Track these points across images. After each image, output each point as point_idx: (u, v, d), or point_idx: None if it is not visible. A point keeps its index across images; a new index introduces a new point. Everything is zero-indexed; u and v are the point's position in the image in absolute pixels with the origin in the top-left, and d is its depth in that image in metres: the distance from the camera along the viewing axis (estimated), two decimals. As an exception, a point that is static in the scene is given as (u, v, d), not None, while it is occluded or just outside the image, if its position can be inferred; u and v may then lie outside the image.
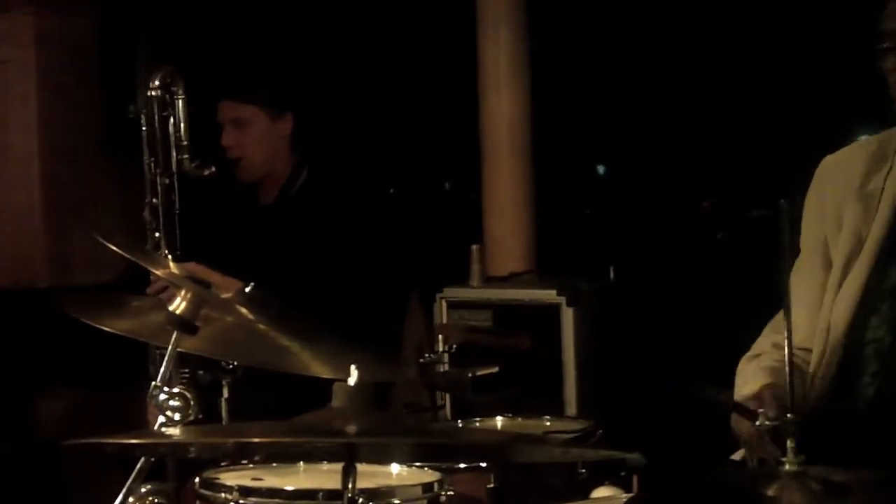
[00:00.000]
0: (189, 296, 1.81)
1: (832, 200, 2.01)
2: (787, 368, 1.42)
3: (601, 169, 5.00)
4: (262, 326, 1.94)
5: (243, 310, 1.93)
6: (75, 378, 3.66)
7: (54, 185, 3.91)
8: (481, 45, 3.98)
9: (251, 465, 1.79)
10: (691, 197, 4.62)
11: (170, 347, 1.80)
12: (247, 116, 2.95)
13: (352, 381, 1.54)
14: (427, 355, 2.69)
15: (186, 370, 2.47)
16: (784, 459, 1.37)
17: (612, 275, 3.72)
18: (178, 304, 1.81)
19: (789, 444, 1.37)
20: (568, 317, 3.44)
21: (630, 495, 1.84)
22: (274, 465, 1.80)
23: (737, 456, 1.96)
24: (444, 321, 3.48)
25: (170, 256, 2.74)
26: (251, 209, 3.05)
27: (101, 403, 3.58)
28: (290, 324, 2.00)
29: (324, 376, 1.86)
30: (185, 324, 1.80)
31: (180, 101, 2.81)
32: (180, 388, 1.79)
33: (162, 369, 1.81)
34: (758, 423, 1.67)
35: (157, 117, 2.80)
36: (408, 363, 3.04)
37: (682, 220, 4.55)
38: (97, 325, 1.91)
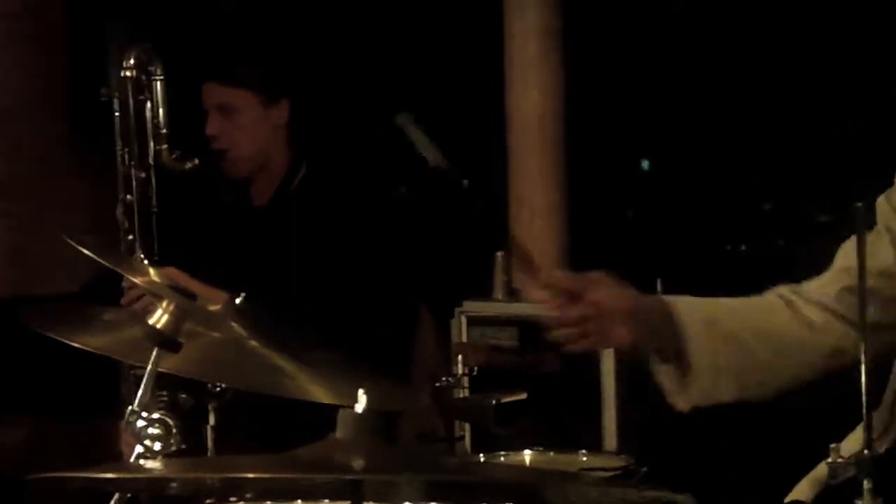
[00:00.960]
0: (171, 308, 1.82)
1: None
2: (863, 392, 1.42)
3: (644, 164, 5.00)
4: (253, 344, 1.95)
5: (232, 324, 1.94)
6: (37, 402, 3.68)
7: (12, 178, 3.93)
8: (507, 25, 3.99)
9: (241, 505, 1.80)
10: (749, 197, 4.63)
11: (149, 367, 1.80)
12: (235, 102, 2.96)
13: (359, 408, 1.55)
14: (443, 379, 2.70)
15: (166, 393, 2.48)
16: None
17: (658, 287, 3.71)
18: (159, 318, 1.82)
19: (866, 485, 1.37)
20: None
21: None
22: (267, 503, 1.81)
23: (799, 495, 1.96)
24: (464, 339, 3.49)
25: (146, 261, 2.75)
26: (241, 210, 3.06)
27: (66, 431, 3.59)
28: (286, 341, 2.01)
29: (324, 402, 1.87)
30: (167, 340, 1.81)
31: (158, 83, 2.83)
32: (161, 414, 1.80)
33: (140, 392, 1.81)
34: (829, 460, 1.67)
35: (131, 101, 2.81)
36: (420, 388, 3.05)
37: (738, 223, 4.56)
38: (63, 341, 1.92)
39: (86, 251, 1.89)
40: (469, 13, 4.49)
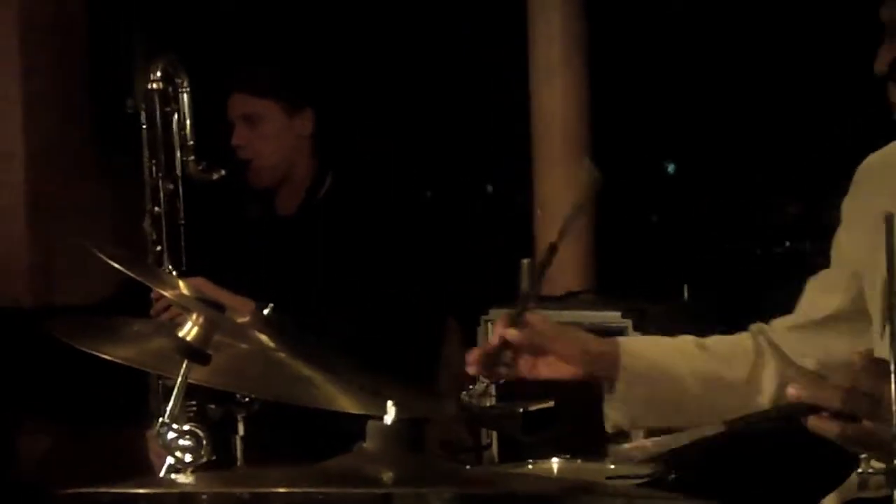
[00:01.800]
0: (200, 320, 1.84)
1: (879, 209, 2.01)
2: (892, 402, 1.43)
3: (670, 167, 4.99)
4: (281, 355, 1.97)
5: (260, 336, 1.96)
6: (62, 411, 3.70)
7: (39, 188, 3.95)
8: (530, 28, 4.00)
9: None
10: (777, 200, 4.61)
11: (179, 379, 1.82)
12: (260, 112, 2.98)
13: (388, 419, 1.56)
14: (469, 387, 2.71)
15: (194, 404, 2.50)
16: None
17: (685, 293, 3.72)
18: (189, 330, 1.84)
19: (896, 495, 1.37)
20: (634, 343, 3.43)
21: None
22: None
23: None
24: (490, 348, 3.49)
25: (174, 273, 2.77)
26: (268, 220, 3.08)
27: (92, 441, 3.61)
28: (313, 352, 2.02)
29: (352, 412, 1.88)
30: (197, 352, 1.83)
31: (185, 95, 2.85)
32: (191, 426, 1.82)
33: (171, 403, 1.82)
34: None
35: (158, 113, 2.84)
36: (446, 396, 3.06)
37: (767, 227, 4.54)
38: (94, 353, 1.94)
39: (111, 262, 1.90)
40: (492, 17, 4.50)
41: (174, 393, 1.83)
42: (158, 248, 2.82)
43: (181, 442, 1.81)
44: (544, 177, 4.06)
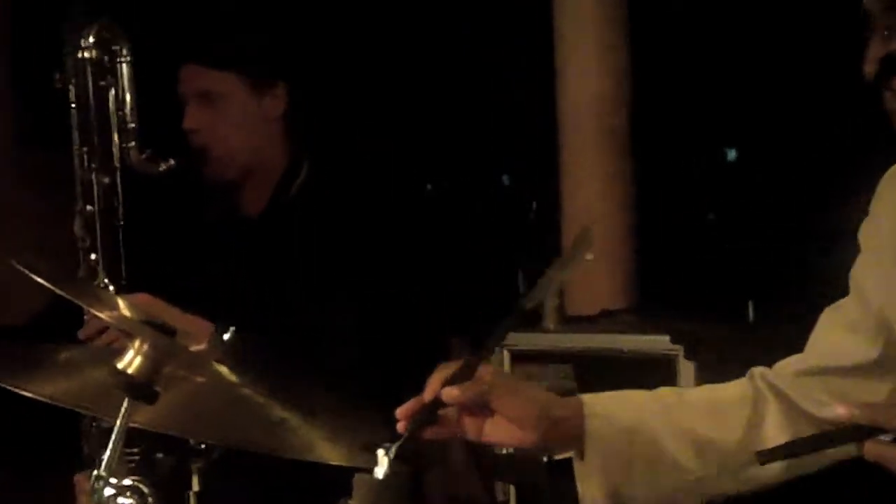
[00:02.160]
0: (145, 347, 1.84)
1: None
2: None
3: (731, 154, 5.00)
4: (245, 391, 1.97)
5: (219, 367, 1.96)
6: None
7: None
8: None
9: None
10: (863, 196, 4.61)
11: (118, 421, 1.82)
12: (220, 88, 2.99)
13: (379, 472, 1.56)
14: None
15: (137, 452, 2.50)
16: None
17: (750, 312, 3.72)
18: (130, 360, 1.84)
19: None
20: (687, 374, 3.44)
21: None
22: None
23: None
24: (507, 381, 3.50)
25: (112, 287, 2.77)
26: (229, 222, 3.09)
27: (11, 499, 3.62)
28: (287, 387, 2.03)
29: (333, 463, 1.88)
30: (141, 388, 1.83)
31: (125, 66, 2.85)
32: (133, 480, 1.82)
33: (107, 452, 1.82)
34: None
35: (91, 89, 2.84)
36: (452, 441, 3.06)
37: (848, 230, 4.54)
38: (11, 389, 1.94)
39: (35, 277, 1.91)
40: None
41: (112, 438, 1.83)
42: (92, 256, 2.82)
43: (121, 500, 1.81)
44: (573, 170, 4.06)
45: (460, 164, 4.83)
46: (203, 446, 2.29)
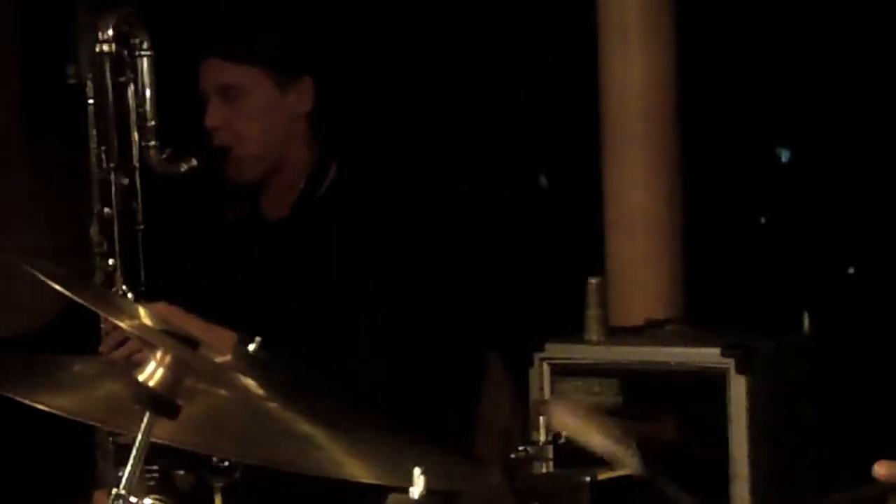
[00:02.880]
0: (166, 359, 1.85)
1: None
2: None
3: (784, 154, 4.99)
4: (271, 405, 1.98)
5: (244, 379, 1.97)
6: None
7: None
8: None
9: None
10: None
11: (139, 437, 1.83)
12: (243, 83, 3.00)
13: (415, 492, 1.57)
14: (519, 449, 2.71)
15: (157, 469, 2.52)
16: None
17: (805, 323, 3.71)
18: (152, 373, 1.85)
19: None
20: (738, 389, 3.42)
21: None
22: None
23: None
24: (547, 396, 3.50)
25: (130, 295, 2.79)
26: (253, 225, 3.10)
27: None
28: (314, 401, 2.03)
29: (364, 481, 1.89)
30: (162, 402, 1.84)
31: (145, 61, 2.86)
32: (153, 499, 1.83)
33: (128, 469, 1.83)
34: None
35: (109, 85, 2.85)
36: (488, 460, 3.06)
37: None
38: (20, 400, 1.95)
39: (50, 282, 1.92)
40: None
41: (132, 455, 1.84)
42: (110, 262, 2.83)
43: (141, 520, 1.82)
44: (616, 169, 4.05)
45: (494, 163, 4.82)
46: (226, 463, 2.30)
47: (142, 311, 2.09)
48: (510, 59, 4.70)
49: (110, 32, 2.83)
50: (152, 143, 2.87)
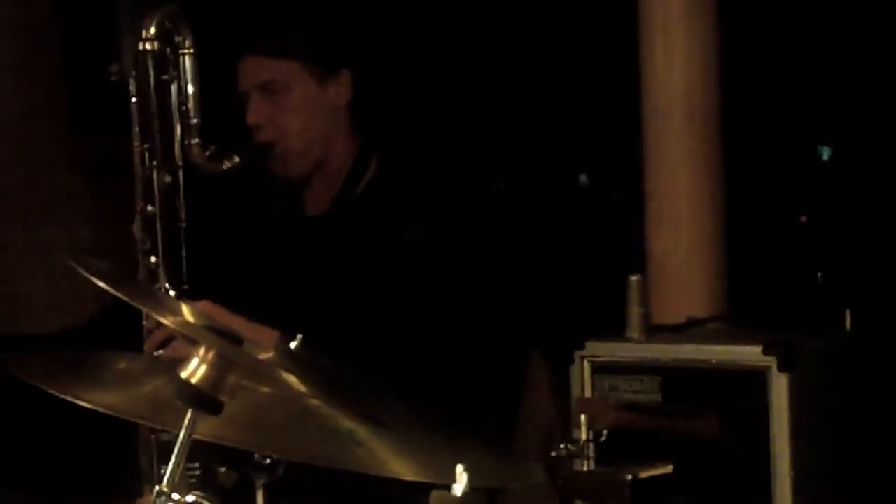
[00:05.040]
0: (209, 356, 1.85)
1: None
2: None
3: (825, 152, 4.97)
4: (313, 402, 1.97)
5: (287, 377, 1.97)
6: (26, 475, 3.74)
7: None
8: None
9: None
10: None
11: (181, 434, 1.83)
12: (283, 78, 3.01)
13: (458, 489, 1.56)
14: (561, 446, 2.70)
15: (199, 467, 2.52)
16: None
17: (847, 322, 3.69)
18: (194, 369, 1.85)
19: None
20: (780, 388, 3.40)
21: None
22: None
23: None
24: (588, 393, 3.49)
25: (173, 292, 2.79)
26: (292, 221, 3.10)
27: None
28: (356, 398, 2.03)
29: (405, 478, 1.89)
30: (205, 399, 1.84)
31: (188, 59, 2.87)
32: (196, 496, 1.83)
33: (170, 466, 1.83)
34: None
35: (152, 82, 2.86)
36: (529, 458, 3.06)
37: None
38: (64, 397, 1.96)
39: (94, 279, 1.92)
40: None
41: (175, 452, 1.84)
42: (153, 259, 2.83)
43: (185, 517, 1.82)
44: (658, 168, 4.04)
45: (534, 160, 4.81)
46: (268, 460, 2.30)
47: (184, 308, 2.09)
48: (552, 59, 4.69)
49: (153, 30, 2.83)
50: (195, 140, 2.87)
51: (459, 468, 1.62)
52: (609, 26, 4.26)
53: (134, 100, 2.85)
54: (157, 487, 1.83)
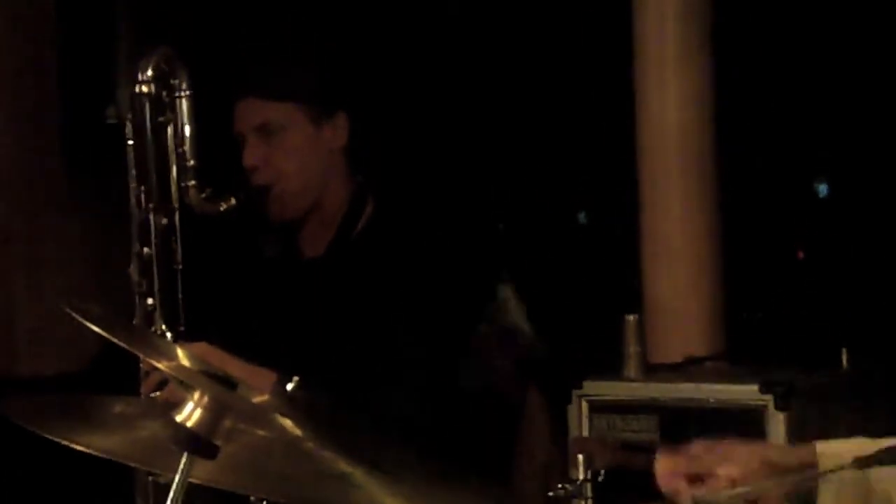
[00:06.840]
0: (205, 400, 1.85)
1: None
2: None
3: (822, 188, 4.97)
4: (309, 445, 1.97)
5: (283, 420, 1.97)
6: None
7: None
8: (638, 12, 4.00)
9: None
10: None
11: (177, 478, 1.83)
12: (279, 120, 3.01)
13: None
14: (559, 487, 2.70)
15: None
16: None
17: (844, 360, 3.68)
18: (190, 413, 1.84)
19: None
20: (777, 426, 3.40)
21: None
22: None
23: None
24: (586, 433, 3.48)
25: (169, 335, 2.79)
26: (290, 263, 3.10)
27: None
28: (353, 440, 2.02)
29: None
30: (201, 443, 1.83)
31: (184, 101, 2.88)
32: (192, 541, 1.82)
33: (165, 511, 1.83)
34: None
35: (149, 124, 2.86)
36: (528, 496, 3.05)
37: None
38: (60, 441, 1.95)
39: (88, 323, 1.92)
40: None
41: (171, 496, 1.84)
42: (149, 301, 2.83)
43: (181, 562, 1.81)
44: (654, 204, 4.04)
45: (532, 199, 4.81)
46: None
47: (180, 351, 2.09)
48: (547, 95, 4.69)
49: (150, 73, 2.85)
50: (192, 182, 2.88)
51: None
52: (605, 64, 4.27)
53: (130, 142, 2.86)
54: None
